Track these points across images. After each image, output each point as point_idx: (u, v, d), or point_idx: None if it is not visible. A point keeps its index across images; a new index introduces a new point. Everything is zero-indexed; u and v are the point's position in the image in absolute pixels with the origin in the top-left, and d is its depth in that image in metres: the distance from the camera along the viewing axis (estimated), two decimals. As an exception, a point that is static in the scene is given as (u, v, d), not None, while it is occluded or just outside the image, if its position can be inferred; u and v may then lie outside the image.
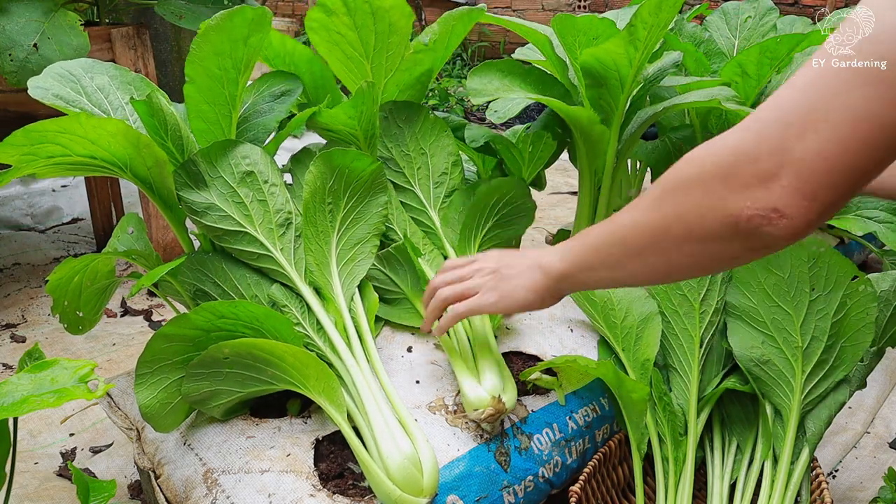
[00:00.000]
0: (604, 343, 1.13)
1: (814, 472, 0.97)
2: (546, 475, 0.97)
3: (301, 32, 4.49)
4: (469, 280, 0.88)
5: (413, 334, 1.11)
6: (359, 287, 1.04)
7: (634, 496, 1.02)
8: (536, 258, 0.82)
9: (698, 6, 2.11)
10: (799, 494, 0.94)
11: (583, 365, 1.01)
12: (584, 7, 4.36)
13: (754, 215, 0.58)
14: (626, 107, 1.26)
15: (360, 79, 1.20)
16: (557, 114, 1.30)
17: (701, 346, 1.05)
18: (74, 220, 2.55)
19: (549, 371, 1.04)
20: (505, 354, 1.09)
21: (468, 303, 0.86)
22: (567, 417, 1.02)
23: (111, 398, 1.09)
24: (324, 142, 1.23)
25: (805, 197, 0.57)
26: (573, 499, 0.92)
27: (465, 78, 1.28)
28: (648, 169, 1.75)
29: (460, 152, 1.26)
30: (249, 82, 1.11)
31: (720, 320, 1.05)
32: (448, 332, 1.04)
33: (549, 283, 0.80)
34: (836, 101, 0.56)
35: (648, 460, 1.03)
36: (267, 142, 1.09)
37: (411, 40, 1.17)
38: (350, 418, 0.89)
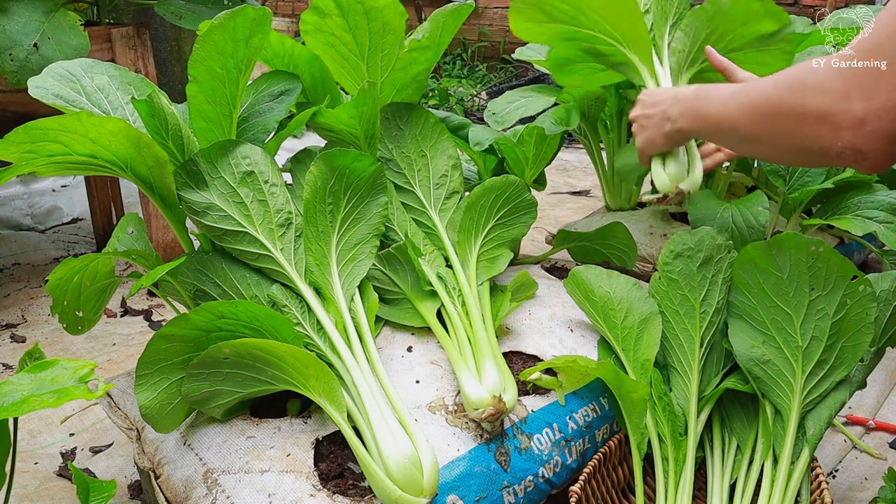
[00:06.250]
0: (604, 343, 1.13)
1: (814, 472, 0.97)
2: (546, 475, 0.97)
3: (301, 32, 4.49)
4: (634, 124, 1.13)
5: (413, 334, 1.11)
6: (359, 287, 1.04)
7: (634, 496, 1.02)
8: (666, 111, 1.02)
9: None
10: (799, 494, 0.94)
11: (583, 365, 1.01)
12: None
13: (843, 153, 0.70)
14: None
15: (356, 79, 1.20)
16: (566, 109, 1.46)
17: (701, 346, 1.05)
18: (74, 220, 2.56)
19: (549, 371, 1.04)
20: (505, 354, 1.09)
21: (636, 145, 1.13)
22: (567, 417, 1.02)
23: (111, 398, 1.09)
24: (324, 142, 1.23)
25: (887, 141, 0.66)
26: (573, 499, 0.92)
27: (466, 78, 1.29)
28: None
29: (460, 152, 1.26)
30: (249, 82, 1.12)
31: (720, 320, 1.05)
32: (448, 332, 1.05)
33: (672, 134, 1.02)
34: None
35: (648, 460, 1.03)
36: (267, 141, 1.09)
37: (407, 40, 1.18)
38: (350, 418, 0.89)
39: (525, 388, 1.04)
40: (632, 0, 1.16)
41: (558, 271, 1.49)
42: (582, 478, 0.96)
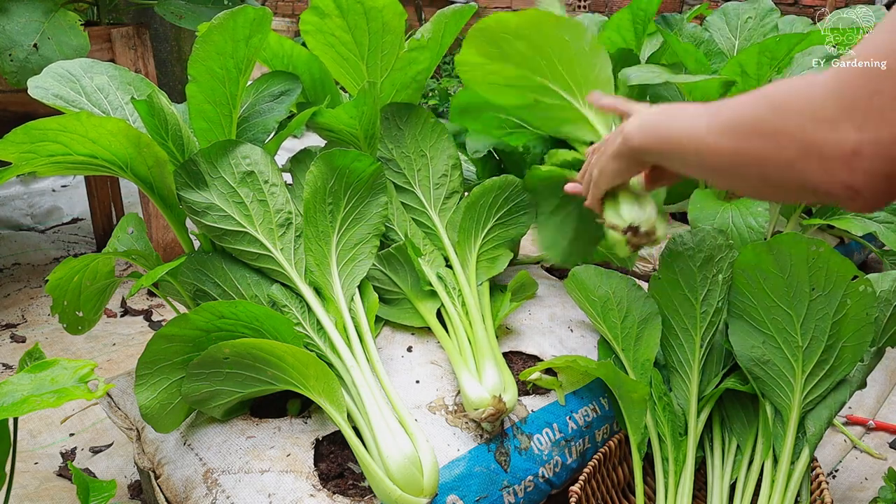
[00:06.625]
0: (604, 343, 1.13)
1: (814, 472, 0.97)
2: (546, 475, 0.97)
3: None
4: (592, 160, 0.92)
5: (413, 334, 1.11)
6: (359, 287, 1.04)
7: (634, 496, 1.02)
8: (623, 127, 0.82)
9: (698, 6, 2.10)
10: (799, 494, 0.94)
11: (583, 365, 1.01)
12: (585, 7, 4.35)
13: (831, 191, 0.56)
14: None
15: (356, 79, 1.20)
16: None
17: (701, 346, 1.05)
18: (74, 220, 2.56)
19: (549, 371, 1.04)
20: (505, 354, 1.09)
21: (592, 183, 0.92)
22: (567, 417, 1.02)
23: (111, 398, 1.09)
24: (323, 142, 1.23)
25: (886, 178, 0.54)
26: (573, 499, 0.92)
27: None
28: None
29: (460, 154, 1.26)
30: (249, 82, 1.12)
31: (720, 320, 1.05)
32: (448, 332, 1.05)
33: (623, 151, 0.82)
34: None
35: (648, 460, 1.03)
36: (267, 142, 1.09)
37: (406, 39, 1.18)
38: (350, 418, 0.89)
39: (525, 388, 1.04)
40: (601, 50, 1.02)
41: (558, 271, 1.49)
42: (582, 478, 0.96)
